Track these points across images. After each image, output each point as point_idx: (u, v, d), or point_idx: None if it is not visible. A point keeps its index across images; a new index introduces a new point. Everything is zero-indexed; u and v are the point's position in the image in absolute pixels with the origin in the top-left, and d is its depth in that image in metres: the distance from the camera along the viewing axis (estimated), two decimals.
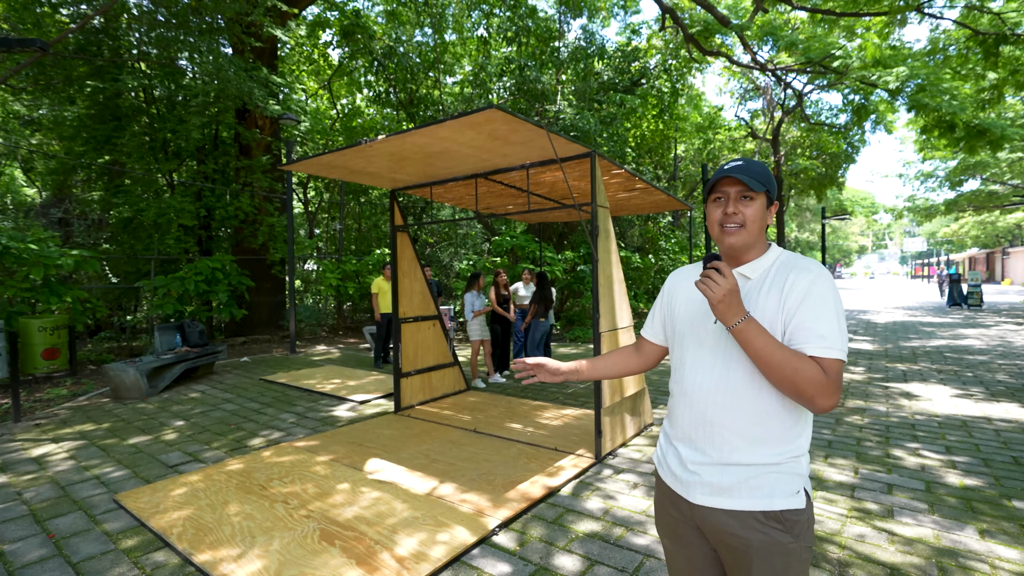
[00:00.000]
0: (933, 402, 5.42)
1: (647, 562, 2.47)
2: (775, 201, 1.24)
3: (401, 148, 3.92)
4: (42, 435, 4.66)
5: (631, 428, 4.41)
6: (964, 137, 10.94)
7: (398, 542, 2.64)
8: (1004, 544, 2.61)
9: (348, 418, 5.16)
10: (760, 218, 1.21)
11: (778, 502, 1.13)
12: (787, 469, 1.15)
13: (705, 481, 1.19)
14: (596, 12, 13.84)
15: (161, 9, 8.39)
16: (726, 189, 1.21)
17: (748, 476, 1.15)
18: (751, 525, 1.14)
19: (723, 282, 1.10)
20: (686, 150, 19.48)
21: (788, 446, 1.16)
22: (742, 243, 1.21)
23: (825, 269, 1.16)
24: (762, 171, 1.21)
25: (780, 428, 1.15)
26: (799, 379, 1.06)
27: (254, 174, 10.37)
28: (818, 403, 1.07)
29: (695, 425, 1.22)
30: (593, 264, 3.96)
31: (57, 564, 2.54)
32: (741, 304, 1.11)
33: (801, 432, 1.17)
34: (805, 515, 1.15)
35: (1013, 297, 22.81)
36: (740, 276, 1.24)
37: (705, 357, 1.23)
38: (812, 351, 1.09)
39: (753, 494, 1.14)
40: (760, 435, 1.15)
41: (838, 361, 1.09)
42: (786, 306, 1.14)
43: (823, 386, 1.06)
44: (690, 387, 1.24)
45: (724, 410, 1.18)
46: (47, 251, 6.38)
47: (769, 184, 1.20)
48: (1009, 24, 9.93)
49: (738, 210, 1.20)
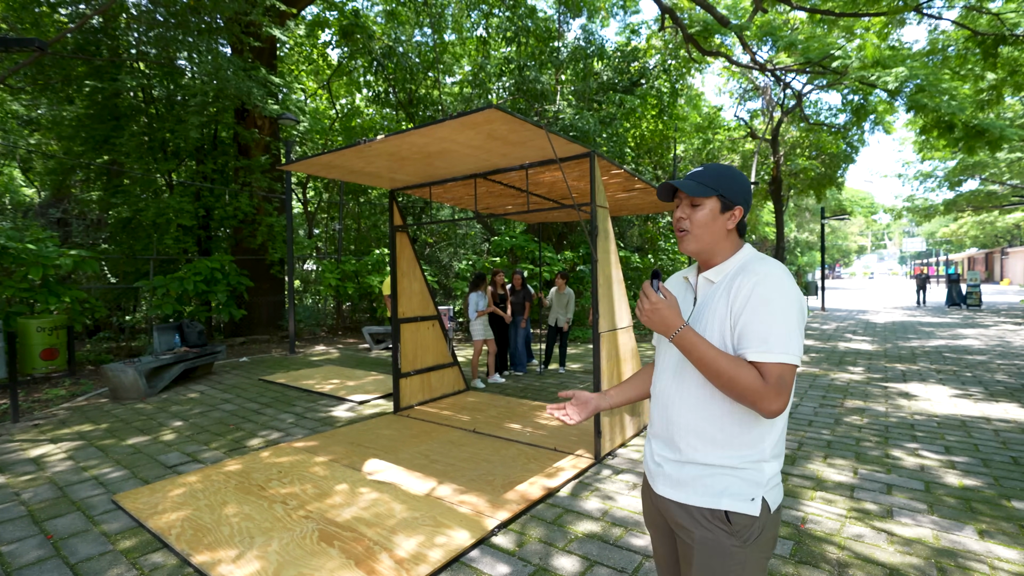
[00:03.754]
0: (932, 402, 5.43)
1: (646, 563, 2.47)
2: (737, 205, 1.23)
3: (400, 148, 3.91)
4: (40, 435, 4.65)
5: (630, 428, 4.41)
6: (963, 137, 10.96)
7: (397, 543, 2.64)
8: (1003, 544, 2.61)
9: (347, 418, 5.16)
10: (708, 223, 1.22)
11: (726, 502, 1.15)
12: (745, 475, 1.16)
13: (666, 474, 1.25)
14: (595, 12, 13.84)
15: (160, 9, 8.38)
16: (680, 195, 1.27)
17: (704, 474, 1.18)
18: (697, 520, 1.18)
19: (646, 303, 1.16)
20: (685, 150, 19.48)
21: (748, 450, 1.16)
22: (693, 248, 1.25)
23: (777, 270, 1.14)
24: (715, 175, 1.22)
25: (737, 431, 1.16)
26: (737, 386, 1.07)
27: (253, 174, 10.36)
28: (761, 408, 1.07)
29: (662, 424, 1.28)
30: (592, 264, 3.96)
31: (55, 565, 2.53)
32: (675, 317, 1.15)
33: (763, 436, 1.17)
34: (757, 523, 1.15)
35: (1012, 297, 22.84)
36: (706, 281, 1.26)
37: (669, 361, 1.28)
38: (752, 356, 1.10)
39: (704, 491, 1.18)
40: (717, 437, 1.17)
41: (778, 365, 1.07)
42: (732, 310, 1.15)
43: (762, 392, 1.06)
44: (657, 388, 1.31)
45: (682, 412, 1.22)
46: (46, 251, 6.37)
47: (721, 186, 1.21)
48: (1008, 25, 9.93)
49: (686, 215, 1.24)
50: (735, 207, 1.23)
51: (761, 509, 1.16)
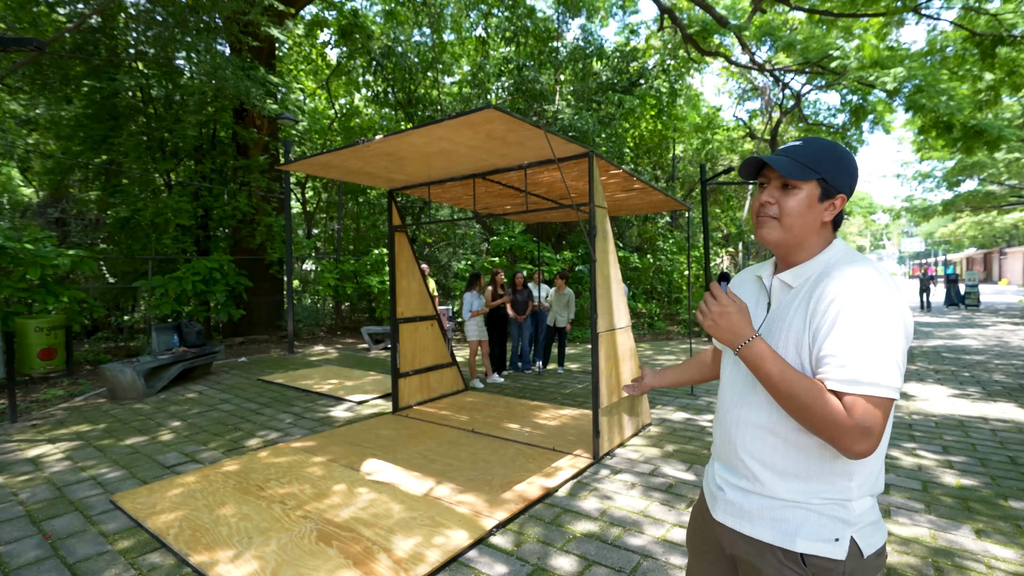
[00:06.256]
0: (930, 402, 5.43)
1: (644, 563, 2.47)
2: (840, 193, 1.01)
3: (399, 148, 3.91)
4: (38, 436, 4.64)
5: (629, 428, 4.41)
6: (961, 137, 10.99)
7: (395, 543, 2.64)
8: (1000, 544, 2.62)
9: (346, 418, 5.15)
10: (803, 212, 1.00)
11: (801, 544, 0.97)
12: (826, 511, 0.97)
13: (728, 500, 1.08)
14: (595, 12, 13.85)
15: (158, 8, 8.37)
16: (767, 173, 1.05)
17: (772, 506, 1.01)
18: (767, 559, 1.00)
19: (712, 306, 1.01)
20: (684, 150, 19.49)
21: (825, 486, 0.97)
22: (776, 239, 1.04)
23: (871, 275, 0.92)
24: (817, 152, 1.00)
25: (812, 464, 0.98)
26: (813, 416, 0.89)
27: (252, 174, 10.35)
28: (842, 447, 0.88)
29: (723, 443, 1.13)
30: (591, 264, 3.96)
31: (53, 565, 2.53)
32: (746, 325, 0.99)
33: (849, 473, 0.97)
34: (842, 568, 0.96)
35: (1010, 297, 22.88)
36: (781, 284, 1.07)
37: (736, 374, 1.11)
38: (832, 384, 0.90)
39: (774, 527, 1.00)
40: (786, 468, 1.00)
41: (868, 399, 0.87)
42: (811, 325, 0.95)
43: (844, 428, 0.87)
44: (721, 403, 1.15)
45: (746, 434, 1.05)
46: (44, 251, 6.35)
47: (823, 168, 0.99)
48: (1006, 25, 9.95)
49: (774, 198, 1.03)
50: (837, 195, 1.01)
51: (849, 552, 0.96)
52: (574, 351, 9.41)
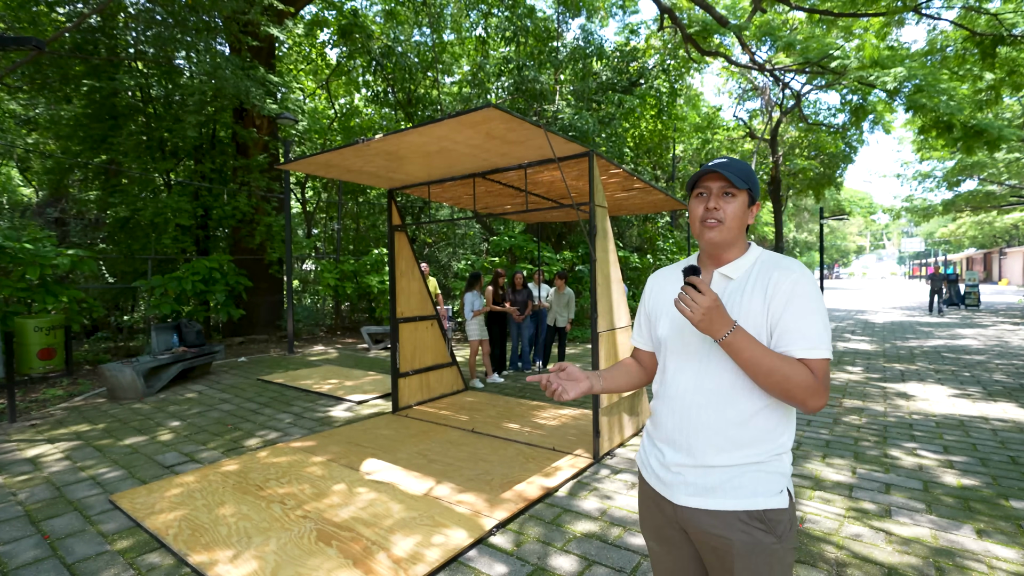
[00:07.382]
0: (930, 402, 5.43)
1: (644, 562, 2.47)
2: (756, 202, 1.24)
3: (399, 147, 3.90)
4: (37, 435, 4.64)
5: (629, 428, 4.40)
6: (962, 137, 10.97)
7: (395, 543, 2.63)
8: (1001, 544, 2.61)
9: (345, 418, 5.15)
10: (740, 216, 1.20)
11: (761, 501, 1.13)
12: (769, 468, 1.15)
13: (688, 482, 1.18)
14: (595, 12, 13.84)
15: (158, 8, 8.36)
16: (709, 184, 1.21)
17: (731, 476, 1.15)
18: (733, 525, 1.13)
19: (702, 300, 1.08)
20: (684, 150, 19.49)
21: (770, 444, 1.15)
22: (721, 239, 1.21)
23: (806, 268, 1.16)
24: (745, 170, 1.21)
25: (763, 428, 1.15)
26: (790, 384, 1.07)
27: (251, 173, 10.34)
28: (809, 405, 1.08)
29: (678, 428, 1.21)
30: (591, 264, 3.96)
31: (52, 565, 2.52)
32: (726, 316, 1.10)
33: (784, 430, 1.17)
34: (787, 515, 1.14)
35: (1010, 297, 22.88)
36: (722, 277, 1.23)
37: (689, 362, 1.22)
38: (800, 353, 1.10)
39: (736, 493, 1.14)
40: (743, 437, 1.15)
41: (824, 360, 1.10)
42: (771, 308, 1.14)
43: (813, 388, 1.07)
44: (673, 391, 1.23)
45: (707, 414, 1.17)
46: (43, 251, 6.34)
47: (751, 183, 1.20)
48: (1006, 25, 9.95)
49: (719, 206, 1.20)
50: (755, 203, 1.24)
51: (789, 501, 1.15)
52: (574, 351, 9.40)
